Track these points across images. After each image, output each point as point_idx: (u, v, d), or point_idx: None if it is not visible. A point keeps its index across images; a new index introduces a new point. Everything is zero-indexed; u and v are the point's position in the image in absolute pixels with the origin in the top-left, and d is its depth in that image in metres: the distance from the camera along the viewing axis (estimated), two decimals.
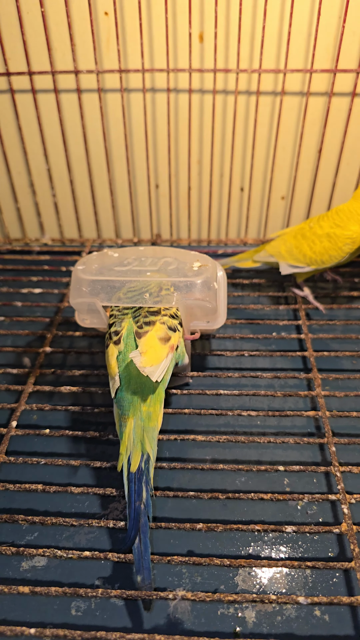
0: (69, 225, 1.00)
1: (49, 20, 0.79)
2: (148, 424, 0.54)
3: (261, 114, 0.86)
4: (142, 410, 0.54)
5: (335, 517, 0.56)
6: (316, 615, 0.49)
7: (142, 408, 0.54)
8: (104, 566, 0.53)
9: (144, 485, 0.51)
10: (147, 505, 0.50)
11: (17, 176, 0.95)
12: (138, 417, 0.54)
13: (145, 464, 0.52)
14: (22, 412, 0.67)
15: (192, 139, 0.89)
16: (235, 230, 0.99)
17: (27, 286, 0.88)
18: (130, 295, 0.61)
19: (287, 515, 0.57)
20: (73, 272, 0.64)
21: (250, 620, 0.49)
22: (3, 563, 0.53)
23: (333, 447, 0.60)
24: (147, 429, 0.54)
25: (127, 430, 0.53)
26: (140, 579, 0.47)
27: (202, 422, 0.67)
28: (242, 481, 0.60)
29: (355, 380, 0.70)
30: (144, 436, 0.53)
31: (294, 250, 0.79)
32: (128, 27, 0.79)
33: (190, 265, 0.65)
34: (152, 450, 0.53)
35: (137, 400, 0.55)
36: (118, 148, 0.90)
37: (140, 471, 0.51)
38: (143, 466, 0.51)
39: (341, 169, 0.91)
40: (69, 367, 0.74)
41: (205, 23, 0.79)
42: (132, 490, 0.50)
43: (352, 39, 0.79)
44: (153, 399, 0.55)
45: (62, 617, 0.49)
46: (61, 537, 0.55)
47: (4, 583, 0.51)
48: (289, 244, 0.79)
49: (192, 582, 0.52)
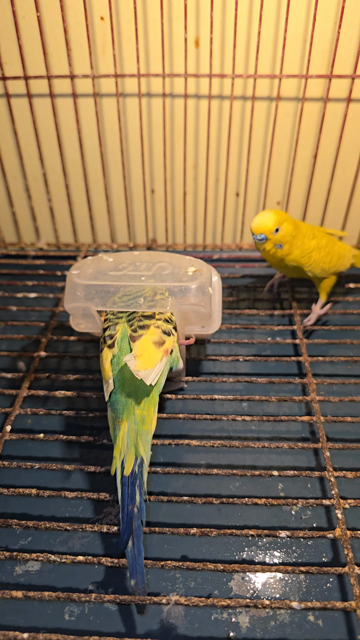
0: (65, 229, 1.00)
1: (45, 25, 0.79)
2: (142, 428, 0.54)
3: (257, 119, 0.86)
4: (136, 414, 0.54)
5: (330, 522, 0.56)
6: (310, 621, 0.49)
7: (136, 411, 0.54)
8: (98, 571, 0.53)
9: (137, 489, 0.51)
10: (140, 509, 0.50)
11: (13, 180, 0.95)
12: (132, 421, 0.54)
13: (139, 467, 0.52)
14: (17, 417, 0.67)
15: (188, 144, 0.89)
16: (231, 235, 1.00)
17: (22, 290, 0.88)
18: (124, 299, 0.61)
19: (281, 520, 0.57)
20: (68, 277, 0.64)
21: (243, 626, 0.49)
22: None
23: (327, 452, 0.60)
24: (141, 432, 0.54)
25: (121, 433, 0.53)
26: (133, 583, 0.47)
27: (197, 427, 0.67)
28: (236, 486, 0.60)
29: (350, 385, 0.70)
30: (138, 440, 0.53)
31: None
32: (124, 32, 0.79)
33: (185, 270, 0.65)
34: (146, 454, 0.53)
35: (131, 404, 0.55)
36: (114, 153, 0.90)
37: (134, 475, 0.51)
38: (136, 470, 0.51)
39: (337, 174, 0.91)
40: (64, 372, 0.74)
41: (201, 28, 0.79)
42: (126, 494, 0.50)
43: (348, 45, 0.79)
44: (147, 402, 0.55)
45: (55, 622, 0.49)
46: (55, 542, 0.55)
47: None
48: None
49: (185, 587, 0.51)
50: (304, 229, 0.73)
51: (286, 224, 0.70)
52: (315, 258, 0.73)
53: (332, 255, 0.76)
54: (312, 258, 0.73)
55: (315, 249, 0.73)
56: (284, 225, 0.69)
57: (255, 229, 0.69)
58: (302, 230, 0.73)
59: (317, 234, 0.75)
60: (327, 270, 0.76)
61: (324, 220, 0.95)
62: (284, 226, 0.69)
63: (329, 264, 0.75)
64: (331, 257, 0.75)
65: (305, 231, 0.73)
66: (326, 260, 0.75)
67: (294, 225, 0.71)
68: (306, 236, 0.73)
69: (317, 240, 0.74)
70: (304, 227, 0.74)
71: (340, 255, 0.77)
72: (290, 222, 0.71)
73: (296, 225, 0.72)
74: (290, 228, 0.70)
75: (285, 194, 0.94)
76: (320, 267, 0.75)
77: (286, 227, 0.70)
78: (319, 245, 0.74)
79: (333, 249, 0.76)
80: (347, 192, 0.93)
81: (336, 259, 0.76)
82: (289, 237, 0.70)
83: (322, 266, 0.75)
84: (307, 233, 0.73)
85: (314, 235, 0.74)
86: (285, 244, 0.70)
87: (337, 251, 0.77)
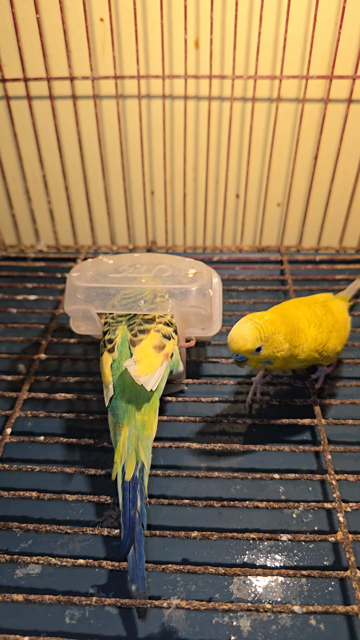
0: (64, 231, 1.00)
1: (45, 27, 0.79)
2: (142, 433, 0.54)
3: (257, 121, 0.86)
4: (137, 419, 0.54)
5: (331, 525, 0.56)
6: (311, 624, 0.49)
7: (136, 417, 0.54)
8: (99, 574, 0.52)
9: (138, 494, 0.50)
10: (141, 514, 0.50)
11: (13, 182, 0.95)
12: (132, 426, 0.54)
13: (140, 472, 0.52)
14: (17, 419, 0.67)
15: (188, 146, 0.89)
16: (231, 237, 0.99)
17: (22, 293, 0.88)
18: (124, 302, 0.61)
19: (282, 523, 0.57)
20: (68, 279, 0.64)
21: (245, 629, 0.49)
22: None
23: (329, 455, 0.59)
24: (142, 437, 0.53)
25: (122, 438, 0.53)
26: (134, 588, 0.47)
27: (197, 429, 0.67)
28: (237, 489, 0.60)
29: (351, 387, 0.70)
30: (139, 445, 0.53)
31: None
32: (123, 33, 0.79)
33: (185, 272, 0.65)
34: (147, 458, 0.53)
35: (131, 409, 0.54)
36: (113, 154, 0.90)
37: (135, 480, 0.51)
38: (137, 475, 0.51)
39: (337, 175, 0.91)
40: (64, 374, 0.74)
41: (201, 29, 0.79)
42: (127, 499, 0.50)
43: (349, 45, 0.79)
44: (148, 407, 0.55)
45: (56, 625, 0.49)
46: (55, 545, 0.55)
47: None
48: None
49: (186, 590, 0.51)
50: (300, 319, 0.60)
51: (272, 340, 0.55)
52: (331, 345, 0.61)
53: (339, 329, 0.64)
54: (329, 347, 0.61)
55: (325, 337, 0.60)
56: (269, 343, 0.55)
57: (231, 347, 0.56)
58: (297, 322, 0.59)
59: (317, 316, 0.61)
60: (338, 352, 0.64)
61: (324, 222, 0.95)
62: (269, 344, 0.55)
63: (342, 340, 0.64)
64: (339, 333, 0.63)
65: (302, 320, 0.60)
66: (337, 342, 0.63)
67: (285, 331, 0.56)
68: (308, 326, 0.60)
69: (321, 325, 0.61)
70: (300, 315, 0.60)
71: (344, 321, 0.67)
72: (279, 331, 0.55)
73: (287, 323, 0.57)
74: (278, 341, 0.55)
75: (286, 195, 0.94)
76: (335, 351, 0.63)
77: (271, 345, 0.55)
78: (326, 327, 0.61)
79: (337, 322, 0.64)
80: (347, 194, 0.93)
81: (343, 330, 0.65)
82: (278, 351, 0.56)
83: (337, 349, 0.63)
84: (304, 322, 0.60)
85: (318, 321, 0.61)
86: (275, 360, 0.57)
87: (341, 322, 0.65)
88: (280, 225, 0.98)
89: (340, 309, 0.68)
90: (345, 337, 0.66)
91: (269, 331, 0.55)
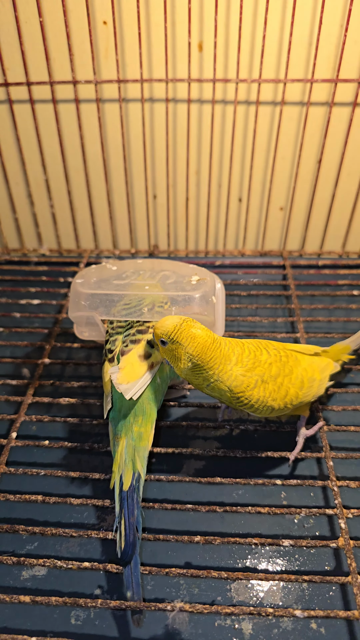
0: (67, 235, 1.00)
1: (48, 30, 0.79)
2: (139, 444, 0.55)
3: (260, 124, 0.86)
4: (134, 431, 0.55)
5: (332, 531, 0.57)
6: (312, 628, 0.50)
7: (133, 428, 0.55)
8: (103, 577, 0.53)
9: (135, 503, 0.52)
10: (137, 522, 0.51)
11: (15, 187, 0.95)
12: (130, 437, 0.55)
13: (137, 482, 0.53)
14: (22, 423, 0.67)
15: (191, 150, 0.89)
16: (233, 241, 1.00)
17: (25, 297, 0.88)
18: (127, 309, 0.61)
19: (284, 528, 0.57)
20: (72, 286, 0.65)
21: (247, 632, 0.49)
22: (4, 572, 0.54)
23: (330, 461, 0.60)
24: (138, 448, 0.55)
25: (120, 449, 0.54)
26: (129, 595, 0.48)
27: (199, 434, 0.67)
28: (239, 494, 0.60)
29: (353, 394, 0.70)
30: (135, 455, 0.54)
31: None
32: (127, 37, 0.79)
33: (188, 279, 0.65)
34: (143, 469, 0.54)
35: (128, 421, 0.56)
36: (116, 158, 0.91)
37: (132, 489, 0.52)
38: (134, 484, 0.52)
39: (341, 179, 0.91)
40: (68, 379, 0.74)
41: (205, 32, 0.79)
42: (126, 508, 0.51)
43: (354, 48, 0.78)
44: (144, 419, 0.56)
45: (62, 626, 0.50)
46: (61, 547, 0.56)
47: (5, 592, 0.51)
48: None
49: (189, 593, 0.52)
50: (235, 350, 0.54)
51: (177, 348, 0.52)
52: (258, 396, 0.54)
53: (289, 387, 0.55)
54: (253, 396, 0.53)
55: (252, 383, 0.53)
56: (174, 347, 0.52)
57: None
58: (231, 351, 0.53)
59: (261, 359, 0.54)
60: (282, 410, 0.56)
61: (327, 226, 0.95)
62: (173, 347, 0.52)
63: (284, 400, 0.55)
64: (287, 391, 0.55)
65: (234, 352, 0.53)
66: (278, 397, 0.54)
67: (202, 355, 0.52)
68: (236, 364, 0.53)
69: (254, 370, 0.53)
70: (236, 348, 0.54)
71: (306, 380, 0.57)
72: (193, 350, 0.51)
73: (217, 345, 0.53)
74: (181, 353, 0.52)
75: (289, 199, 0.94)
76: (269, 406, 0.55)
77: (173, 351, 0.52)
78: (261, 376, 0.53)
79: (292, 377, 0.56)
80: (351, 198, 0.92)
81: (298, 390, 0.56)
82: (176, 360, 0.53)
83: (272, 405, 0.55)
84: (237, 355, 0.53)
85: (254, 362, 0.53)
86: (176, 367, 0.54)
87: (298, 378, 0.56)
88: (283, 229, 0.98)
89: (318, 367, 0.60)
90: (301, 397, 0.57)
91: (181, 339, 0.51)
